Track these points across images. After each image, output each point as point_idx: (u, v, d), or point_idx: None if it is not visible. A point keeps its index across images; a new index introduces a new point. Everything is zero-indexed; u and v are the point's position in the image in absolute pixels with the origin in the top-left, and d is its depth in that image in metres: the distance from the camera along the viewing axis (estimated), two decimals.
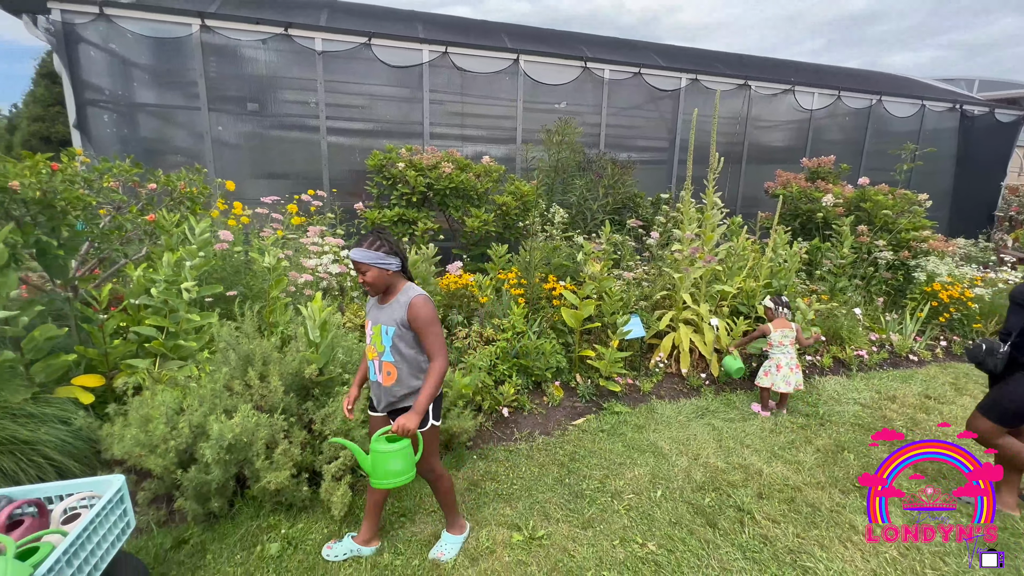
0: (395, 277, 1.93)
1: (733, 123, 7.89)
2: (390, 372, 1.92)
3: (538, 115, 6.74)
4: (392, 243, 1.90)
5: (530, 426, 3.32)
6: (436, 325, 1.87)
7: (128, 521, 1.73)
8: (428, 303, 1.87)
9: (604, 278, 3.90)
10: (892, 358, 4.69)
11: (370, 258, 1.84)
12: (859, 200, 5.78)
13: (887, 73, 10.49)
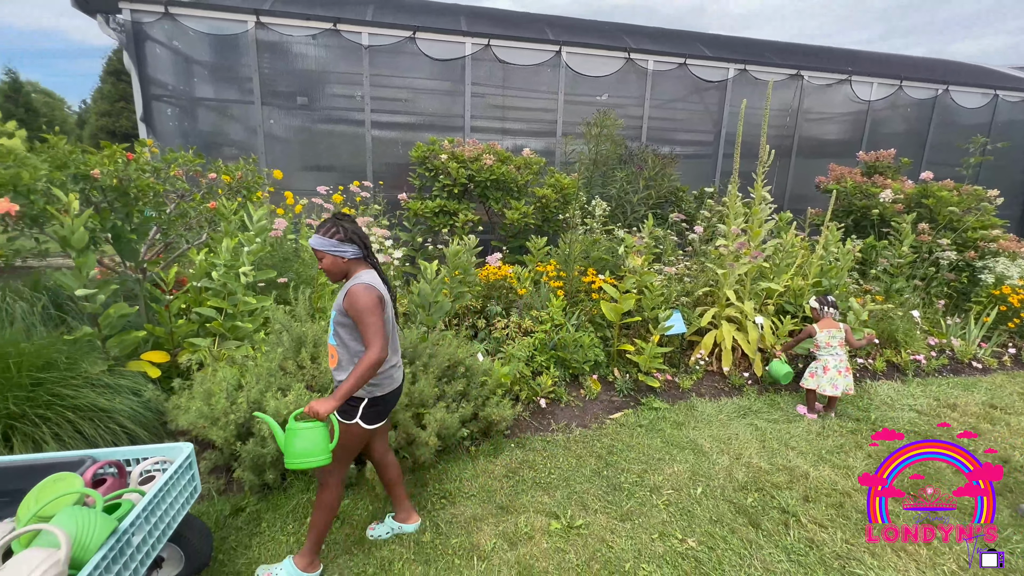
0: (353, 264, 1.89)
1: (783, 115, 7.56)
2: (333, 356, 1.90)
3: (579, 108, 6.67)
4: (349, 230, 1.86)
5: (567, 418, 3.33)
6: (372, 315, 1.75)
7: (195, 486, 1.85)
8: (367, 291, 1.76)
9: (645, 272, 3.84)
10: (953, 364, 4.42)
11: (324, 245, 1.83)
12: (921, 196, 5.45)
13: (954, 61, 9.78)
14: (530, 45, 6.33)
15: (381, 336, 1.76)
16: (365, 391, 1.88)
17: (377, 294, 1.79)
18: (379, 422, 1.95)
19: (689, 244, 4.88)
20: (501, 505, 2.43)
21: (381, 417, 1.96)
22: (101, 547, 1.35)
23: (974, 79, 8.28)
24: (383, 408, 1.95)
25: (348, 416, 1.88)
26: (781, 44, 8.71)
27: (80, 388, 2.44)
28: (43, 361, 2.43)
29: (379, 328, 1.76)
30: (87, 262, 2.63)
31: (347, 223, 1.88)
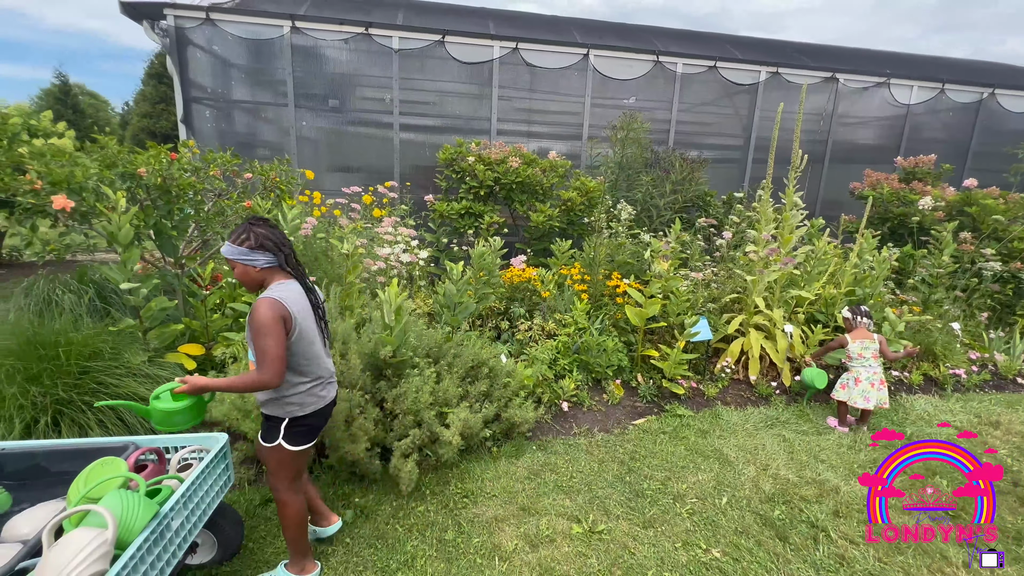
0: (267, 273, 1.73)
1: (816, 119, 7.37)
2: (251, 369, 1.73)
3: (605, 111, 6.64)
4: (260, 236, 1.70)
5: (589, 422, 3.31)
6: (266, 337, 1.58)
7: (229, 475, 1.92)
8: (268, 309, 1.59)
9: (671, 277, 3.80)
10: (996, 380, 4.22)
11: (234, 253, 1.69)
12: (963, 204, 5.24)
13: (1001, 63, 9.36)
14: (558, 48, 6.34)
15: (273, 361, 1.59)
16: (284, 411, 1.75)
17: (279, 312, 1.62)
18: (307, 443, 1.81)
19: (716, 250, 4.80)
20: (523, 507, 2.44)
21: (308, 438, 1.81)
22: (144, 529, 1.41)
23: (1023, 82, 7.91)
24: (308, 429, 1.80)
25: (269, 437, 1.77)
26: (815, 46, 8.51)
27: (123, 377, 2.55)
28: (90, 351, 2.56)
29: (271, 351, 1.59)
30: (132, 257, 2.75)
31: (260, 228, 1.71)
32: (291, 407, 1.76)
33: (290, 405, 1.76)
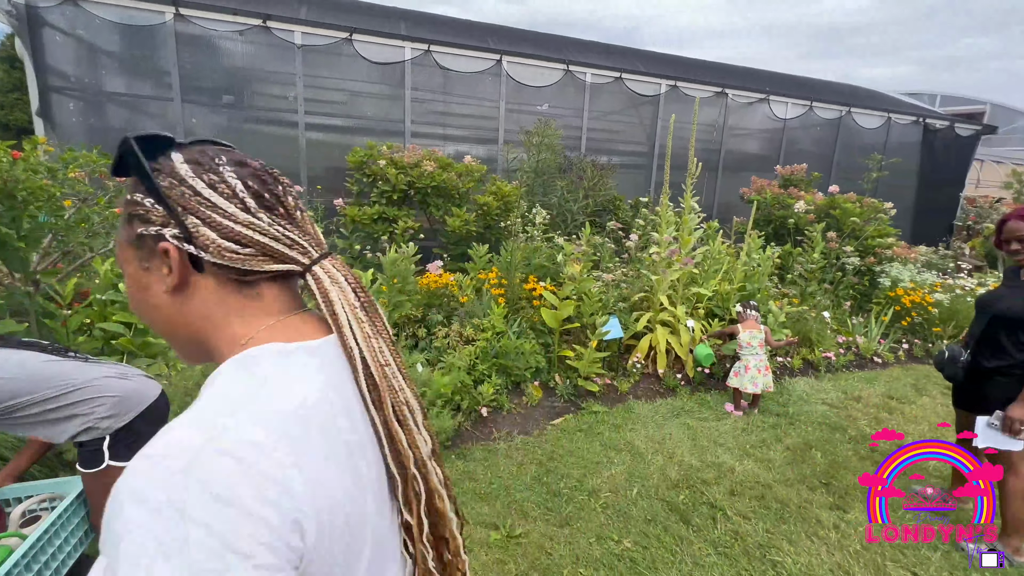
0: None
1: (710, 130, 8.06)
2: None
3: (521, 116, 6.76)
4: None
5: (509, 425, 3.33)
6: None
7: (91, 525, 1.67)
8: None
9: (584, 279, 3.94)
10: (858, 360, 4.86)
11: None
12: (829, 207, 5.99)
13: (856, 86, 10.89)
14: (471, 53, 6.35)
15: None
16: None
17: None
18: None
19: (626, 251, 5.07)
20: None
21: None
22: None
23: (871, 103, 9.25)
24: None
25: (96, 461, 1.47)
26: (709, 63, 9.30)
27: None
28: None
29: None
30: None
31: None
32: None
33: None
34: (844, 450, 3.17)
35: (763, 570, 2.15)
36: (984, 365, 2.27)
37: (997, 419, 2.14)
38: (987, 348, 2.26)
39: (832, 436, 3.34)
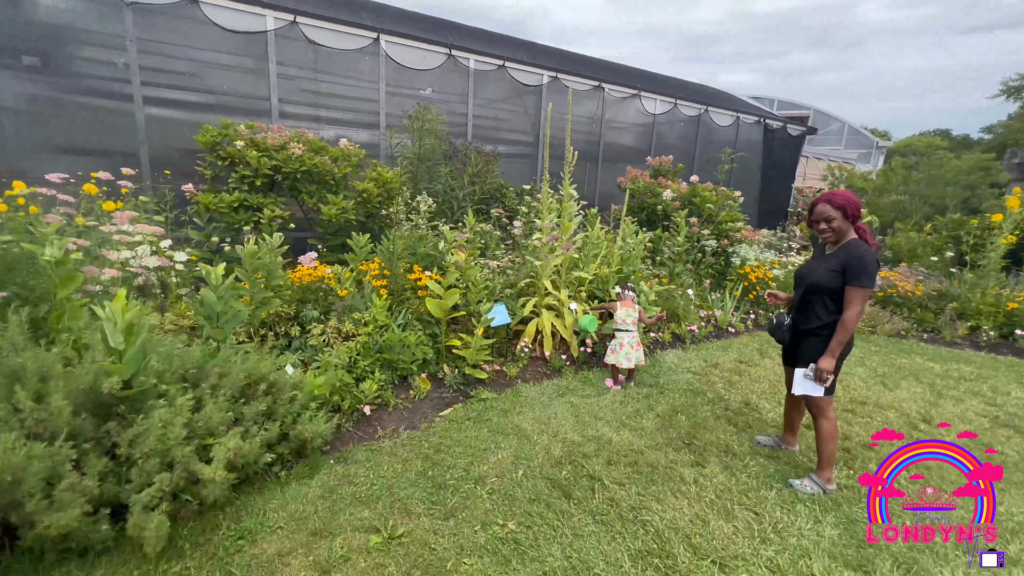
0: None
1: (590, 123, 8.49)
2: None
3: (403, 100, 6.48)
4: None
5: (395, 422, 3.19)
6: None
7: None
8: None
9: (469, 267, 3.90)
10: (716, 331, 5.50)
11: None
12: (691, 196, 6.65)
13: (712, 88, 12.22)
14: (345, 28, 5.91)
15: None
16: None
17: None
18: None
19: (510, 239, 5.13)
20: (314, 531, 2.19)
21: None
22: None
23: (725, 103, 10.44)
24: None
25: None
26: (588, 58, 9.75)
27: None
28: None
29: None
30: None
31: None
32: None
33: None
34: (704, 412, 3.54)
35: (634, 530, 2.31)
36: (801, 328, 2.66)
37: (811, 371, 2.53)
38: (803, 313, 2.65)
39: (694, 400, 3.72)
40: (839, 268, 2.47)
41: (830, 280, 2.49)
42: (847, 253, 2.48)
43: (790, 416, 3.05)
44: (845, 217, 2.51)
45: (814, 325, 2.58)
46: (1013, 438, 3.39)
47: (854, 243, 2.51)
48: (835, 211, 2.51)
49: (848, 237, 2.56)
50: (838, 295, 2.50)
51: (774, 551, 2.21)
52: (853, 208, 2.51)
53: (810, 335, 2.61)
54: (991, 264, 6.08)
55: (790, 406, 3.02)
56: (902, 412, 3.70)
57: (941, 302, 6.12)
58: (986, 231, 6.39)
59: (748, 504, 2.53)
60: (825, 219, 2.54)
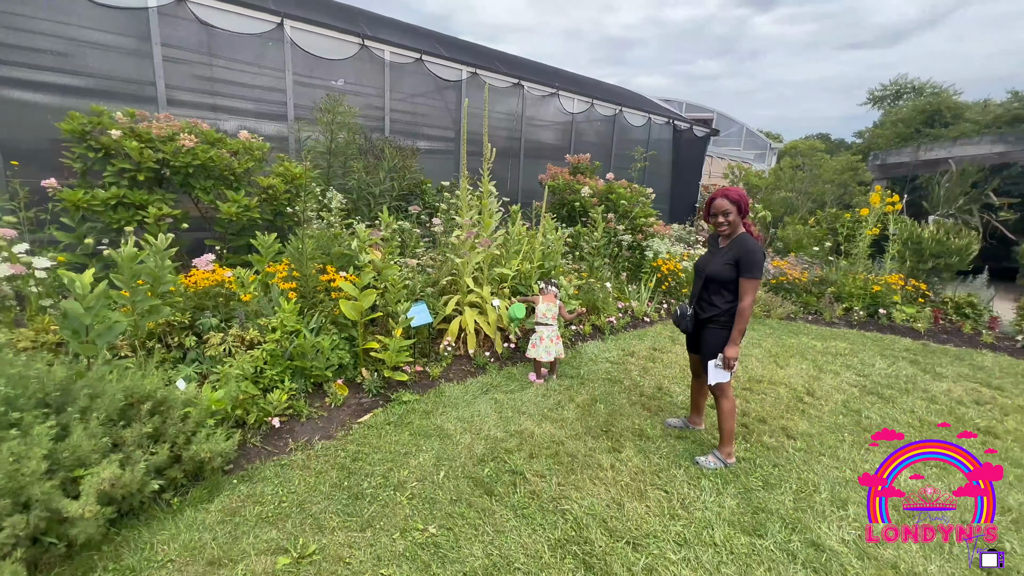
0: None
1: (511, 120, 8.54)
2: None
3: (314, 91, 6.11)
4: None
5: (309, 432, 3.01)
6: None
7: None
8: None
9: (386, 266, 3.77)
10: (633, 321, 5.78)
11: None
12: (608, 192, 6.93)
13: (627, 89, 12.82)
14: (242, 10, 5.44)
15: None
16: None
17: None
18: None
19: (429, 236, 5.04)
20: (213, 560, 2.01)
21: None
22: None
23: (637, 104, 10.98)
24: None
25: None
26: (508, 55, 9.80)
27: None
28: None
29: None
30: None
31: None
32: None
33: None
34: (620, 399, 3.71)
35: (554, 520, 2.36)
36: (701, 317, 2.86)
37: (720, 360, 2.73)
38: (703, 303, 2.86)
39: (612, 389, 3.89)
40: (733, 261, 2.68)
41: (726, 272, 2.70)
42: (739, 247, 2.69)
43: (696, 399, 3.27)
44: (739, 212, 2.73)
45: (713, 314, 2.78)
46: (876, 403, 3.90)
47: (745, 238, 2.73)
48: (731, 205, 2.72)
49: (739, 231, 2.77)
50: (733, 285, 2.71)
51: (682, 525, 2.36)
52: (745, 204, 2.74)
53: (710, 323, 2.82)
54: (860, 252, 6.95)
55: (695, 389, 3.25)
56: (791, 387, 4.12)
57: (822, 287, 6.91)
58: (856, 224, 7.30)
59: (659, 484, 2.69)
60: (723, 212, 2.74)
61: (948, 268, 7.13)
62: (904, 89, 13.22)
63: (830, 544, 2.28)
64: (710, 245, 2.98)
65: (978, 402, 4.01)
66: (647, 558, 2.15)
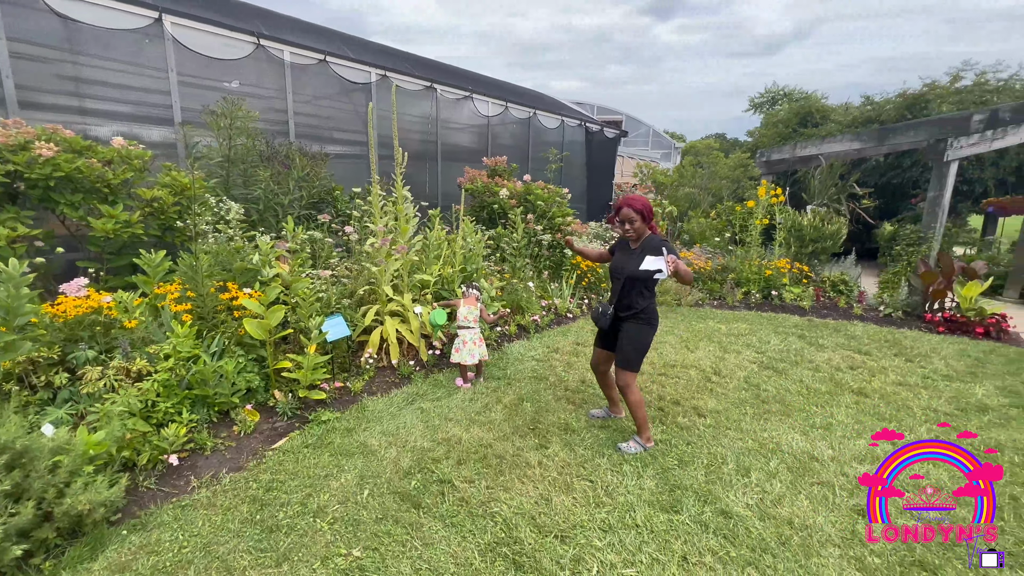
0: None
1: (426, 123, 8.43)
2: None
3: (205, 93, 5.61)
4: None
5: (215, 466, 2.75)
6: None
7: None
8: None
9: (295, 279, 3.55)
10: (557, 318, 5.94)
11: None
12: (526, 194, 7.05)
13: (539, 92, 13.17)
14: (110, 3, 4.86)
15: None
16: None
17: None
18: None
19: (341, 245, 4.84)
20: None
21: None
22: None
23: (550, 107, 11.31)
24: None
25: None
26: (419, 58, 9.66)
27: None
28: None
29: None
30: None
31: None
32: None
33: None
34: (547, 396, 3.79)
35: (484, 525, 2.35)
36: (622, 314, 3.02)
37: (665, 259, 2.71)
38: (624, 302, 3.00)
39: (538, 386, 3.96)
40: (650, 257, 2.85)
41: (644, 272, 2.87)
42: (652, 244, 2.89)
43: (607, 393, 3.44)
44: (643, 219, 2.93)
45: (633, 311, 2.96)
46: (772, 377, 4.32)
47: (653, 238, 2.94)
48: (636, 214, 2.91)
49: (646, 233, 2.98)
50: (651, 283, 2.93)
51: (606, 512, 2.46)
52: (648, 212, 2.95)
53: (629, 319, 2.99)
54: (753, 241, 7.68)
55: (604, 385, 3.41)
56: (700, 369, 4.44)
57: (724, 274, 7.54)
58: (747, 215, 8.06)
59: (585, 475, 2.78)
60: (629, 220, 2.94)
61: (824, 251, 8.10)
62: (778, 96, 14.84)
63: (737, 510, 2.48)
64: (620, 247, 3.13)
65: (852, 367, 4.59)
66: (575, 549, 2.21)
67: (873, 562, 2.17)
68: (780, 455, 3.02)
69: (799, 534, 2.34)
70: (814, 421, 3.49)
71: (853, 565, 2.16)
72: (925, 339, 5.49)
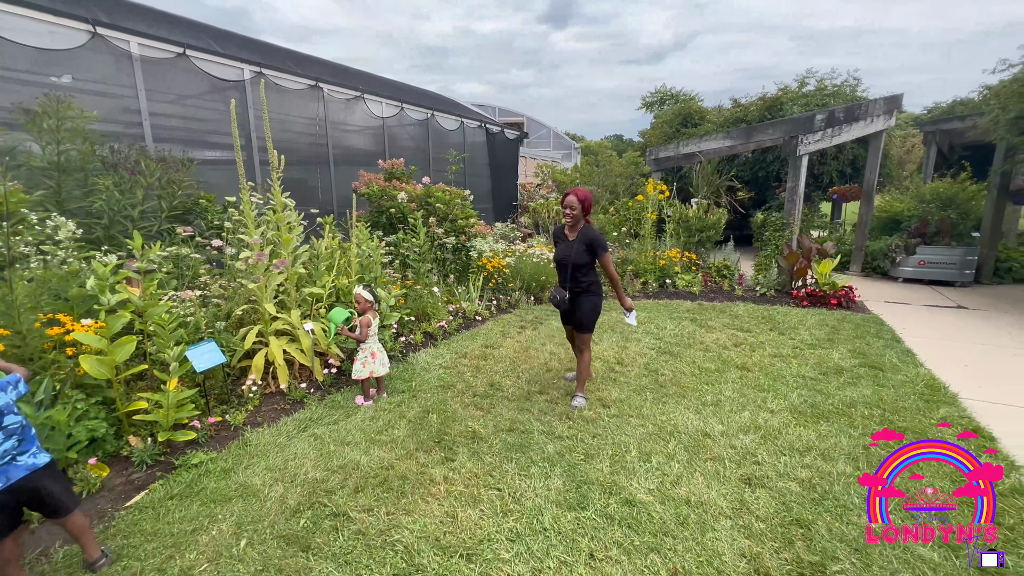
0: None
1: (315, 125, 7.87)
2: None
3: (25, 89, 4.69)
4: None
5: (46, 540, 2.25)
6: None
7: None
8: None
9: (149, 304, 3.05)
10: (466, 322, 5.81)
11: None
12: (426, 196, 6.84)
13: (438, 93, 12.95)
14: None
15: None
16: None
17: None
18: None
19: (211, 260, 4.30)
20: None
21: None
22: None
23: (449, 109, 11.15)
24: None
25: None
26: (302, 55, 8.98)
27: None
28: None
29: None
30: None
31: None
32: None
33: None
34: (454, 404, 3.64)
35: (383, 557, 2.16)
36: (574, 291, 3.58)
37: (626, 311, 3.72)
38: (573, 283, 3.56)
39: (445, 395, 3.80)
40: (586, 247, 3.48)
41: (584, 257, 3.49)
42: (586, 236, 3.50)
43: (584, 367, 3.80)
44: (583, 209, 3.50)
45: (582, 288, 3.58)
46: (669, 361, 4.56)
47: (588, 228, 3.54)
48: (578, 203, 3.48)
49: (582, 224, 3.55)
50: (591, 265, 3.54)
51: (514, 520, 2.38)
52: (588, 203, 3.52)
53: (581, 294, 3.58)
54: (647, 233, 8.16)
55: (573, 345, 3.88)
56: (605, 360, 4.57)
57: (624, 266, 7.92)
58: (640, 209, 8.55)
59: (492, 483, 2.68)
60: (570, 206, 3.48)
61: (709, 239, 8.84)
62: (666, 96, 16.09)
63: (639, 497, 2.53)
64: (558, 239, 3.68)
65: (736, 344, 5.00)
66: (481, 566, 2.10)
67: (759, 527, 2.32)
68: (677, 436, 3.17)
69: (695, 511, 2.44)
70: (705, 399, 3.72)
71: (742, 533, 2.29)
72: (793, 313, 6.18)
